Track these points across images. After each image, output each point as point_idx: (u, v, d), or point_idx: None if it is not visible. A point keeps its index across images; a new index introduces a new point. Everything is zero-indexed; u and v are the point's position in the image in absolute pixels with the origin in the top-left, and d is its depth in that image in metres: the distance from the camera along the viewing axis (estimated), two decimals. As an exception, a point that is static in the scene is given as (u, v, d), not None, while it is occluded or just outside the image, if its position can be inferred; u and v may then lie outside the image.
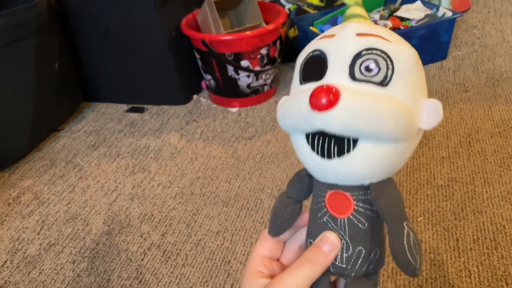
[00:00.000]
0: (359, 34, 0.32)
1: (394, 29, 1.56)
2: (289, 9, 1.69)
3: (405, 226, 0.31)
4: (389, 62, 0.30)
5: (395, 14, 1.65)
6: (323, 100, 0.29)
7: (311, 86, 0.31)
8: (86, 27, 1.48)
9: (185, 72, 1.55)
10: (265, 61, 1.44)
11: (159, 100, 1.58)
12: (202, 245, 1.01)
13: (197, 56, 1.49)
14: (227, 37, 1.35)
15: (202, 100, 1.59)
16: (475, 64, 1.59)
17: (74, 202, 1.18)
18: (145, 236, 1.05)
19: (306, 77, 0.33)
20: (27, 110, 1.34)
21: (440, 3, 1.74)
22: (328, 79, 0.31)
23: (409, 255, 0.31)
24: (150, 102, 1.59)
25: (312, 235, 0.35)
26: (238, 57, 1.39)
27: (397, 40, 0.32)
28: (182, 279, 0.94)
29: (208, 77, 1.50)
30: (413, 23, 1.59)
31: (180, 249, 1.01)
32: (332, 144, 0.31)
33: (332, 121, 0.29)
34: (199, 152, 1.32)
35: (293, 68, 1.64)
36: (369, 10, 1.73)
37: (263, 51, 1.41)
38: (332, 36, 0.33)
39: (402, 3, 1.72)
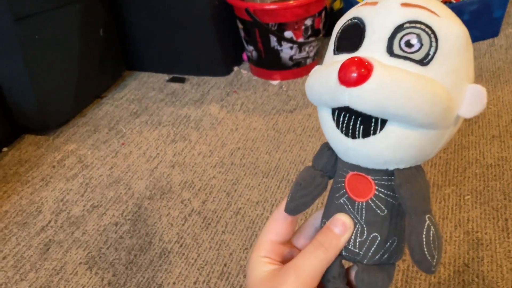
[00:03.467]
0: (404, 4, 0.28)
1: (445, 2, 1.49)
2: (334, -19, 1.64)
3: (427, 219, 0.29)
4: (433, 39, 0.27)
5: (446, -13, 1.58)
6: (353, 75, 0.26)
7: (344, 57, 0.28)
8: (130, -6, 1.49)
9: (226, 43, 1.54)
10: (309, 32, 1.41)
11: (200, 71, 1.57)
12: (242, 214, 1.01)
13: (240, 26, 1.47)
14: (272, 6, 1.33)
15: (243, 72, 1.57)
16: (529, 42, 1.52)
17: (117, 166, 1.20)
18: (186, 203, 1.06)
19: (340, 47, 0.30)
20: (72, 75, 1.36)
21: (494, -23, 1.66)
22: (363, 52, 0.28)
23: (426, 250, 0.28)
24: (191, 72, 1.58)
25: (327, 215, 0.33)
26: (282, 27, 1.36)
27: (447, 15, 0.28)
28: (222, 245, 0.94)
29: (250, 48, 1.48)
30: (465, -3, 1.52)
31: (220, 217, 1.01)
32: (358, 123, 0.28)
33: (359, 98, 0.27)
34: (240, 123, 1.31)
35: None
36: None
37: (308, 22, 1.38)
38: (375, 3, 0.30)
39: (453, -23, 1.65)
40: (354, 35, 0.29)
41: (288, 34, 1.38)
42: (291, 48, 1.41)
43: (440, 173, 1.03)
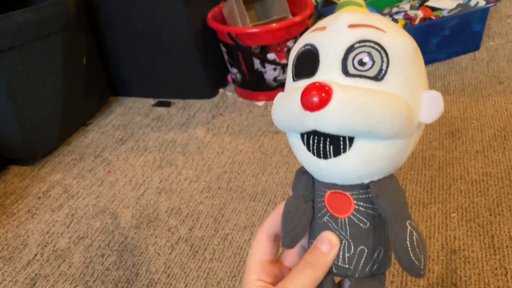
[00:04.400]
0: (351, 26, 0.30)
1: (426, 19, 1.51)
2: (316, 1, 1.66)
3: (408, 225, 0.30)
4: (383, 54, 0.29)
5: (426, 3, 1.60)
6: (314, 100, 0.27)
7: (304, 83, 0.30)
8: (113, 22, 1.49)
9: (211, 66, 1.54)
10: (292, 53, 1.42)
11: (185, 94, 1.57)
12: (230, 239, 1.00)
13: (223, 49, 1.48)
14: (254, 30, 1.34)
15: (228, 94, 1.58)
16: (509, 55, 1.54)
17: (103, 195, 1.19)
18: (173, 230, 1.05)
19: (298, 74, 0.32)
20: (56, 104, 1.36)
21: (472, -8, 1.68)
22: (320, 76, 0.30)
23: (412, 256, 0.29)
24: (177, 96, 1.59)
25: (313, 235, 0.34)
26: (264, 50, 1.37)
27: (394, 30, 0.30)
28: (210, 273, 0.93)
29: (234, 70, 1.49)
30: (444, 13, 1.54)
31: (208, 244, 1.00)
32: (327, 143, 0.29)
33: (324, 121, 0.28)
34: (226, 146, 1.31)
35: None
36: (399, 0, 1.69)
37: (290, 43, 1.39)
38: (324, 28, 0.31)
39: (432, -7, 1.67)
40: (309, 61, 0.31)
41: (271, 56, 1.39)
42: (275, 69, 1.42)
43: (425, 191, 1.03)
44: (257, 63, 1.41)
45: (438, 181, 1.06)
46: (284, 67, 1.42)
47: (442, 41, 1.51)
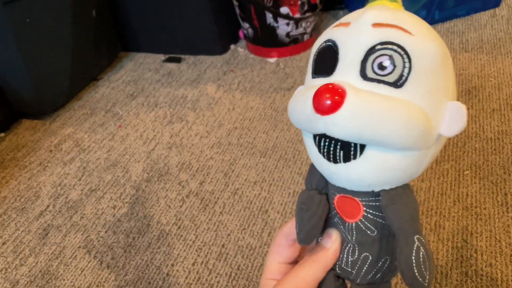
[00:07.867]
0: (375, 25, 0.27)
1: (445, -27, 1.46)
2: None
3: (416, 240, 0.28)
4: (406, 59, 0.26)
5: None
6: (326, 102, 0.26)
7: (320, 81, 0.28)
8: (122, -27, 1.46)
9: (222, 21, 1.51)
10: (306, 7, 1.38)
11: (196, 50, 1.55)
12: (240, 194, 1.01)
13: (235, 3, 1.44)
14: (267, -18, 1.30)
15: (240, 50, 1.55)
16: (531, 12, 1.48)
17: (114, 149, 1.19)
18: (184, 184, 1.05)
19: (317, 70, 0.30)
20: (66, 58, 1.35)
21: None
22: (338, 76, 0.28)
23: (416, 272, 0.28)
24: (187, 52, 1.56)
25: (322, 233, 0.34)
26: (277, 3, 1.34)
27: (422, 32, 0.28)
28: (220, 226, 0.94)
29: (246, 25, 1.45)
30: (465, -33, 1.48)
31: (218, 198, 1.00)
32: (338, 148, 0.28)
33: (334, 126, 0.26)
34: (237, 103, 1.29)
35: (334, 17, 1.58)
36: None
37: (304, -3, 1.35)
38: (347, 24, 0.29)
39: None
40: (328, 58, 0.29)
41: (284, 10, 1.35)
42: (288, 24, 1.39)
43: (439, 148, 1.02)
44: (269, 17, 1.37)
45: (452, 139, 1.04)
46: (297, 21, 1.39)
47: (462, -4, 1.46)
